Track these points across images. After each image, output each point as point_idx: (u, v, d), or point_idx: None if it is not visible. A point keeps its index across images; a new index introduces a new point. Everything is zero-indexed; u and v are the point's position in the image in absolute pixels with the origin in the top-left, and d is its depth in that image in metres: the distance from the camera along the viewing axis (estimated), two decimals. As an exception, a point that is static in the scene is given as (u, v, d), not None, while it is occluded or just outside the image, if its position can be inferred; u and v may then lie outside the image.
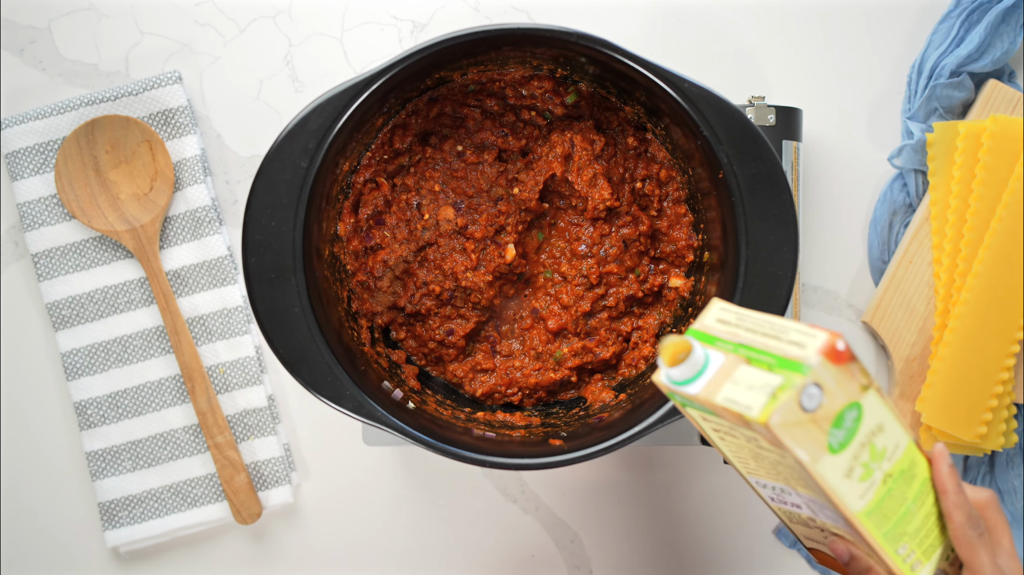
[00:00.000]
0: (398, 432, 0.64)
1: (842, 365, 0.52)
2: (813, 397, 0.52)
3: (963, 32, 0.81)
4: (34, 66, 0.84)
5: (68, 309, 0.82)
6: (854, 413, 0.53)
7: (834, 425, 0.53)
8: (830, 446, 0.53)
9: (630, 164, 0.74)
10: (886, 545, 0.57)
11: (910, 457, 0.56)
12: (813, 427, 0.52)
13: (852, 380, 0.53)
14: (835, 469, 0.53)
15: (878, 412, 0.54)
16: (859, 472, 0.54)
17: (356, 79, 0.65)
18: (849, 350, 0.53)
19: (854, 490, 0.54)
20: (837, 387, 0.52)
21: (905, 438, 0.56)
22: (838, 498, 0.54)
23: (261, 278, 0.64)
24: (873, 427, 0.54)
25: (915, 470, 0.57)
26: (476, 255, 0.74)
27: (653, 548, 0.84)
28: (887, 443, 0.55)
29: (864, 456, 0.54)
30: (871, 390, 0.54)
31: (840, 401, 0.53)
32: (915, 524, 0.57)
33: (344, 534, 0.84)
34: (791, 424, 0.51)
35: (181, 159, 0.82)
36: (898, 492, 0.56)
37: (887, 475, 0.55)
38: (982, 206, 0.79)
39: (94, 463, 0.82)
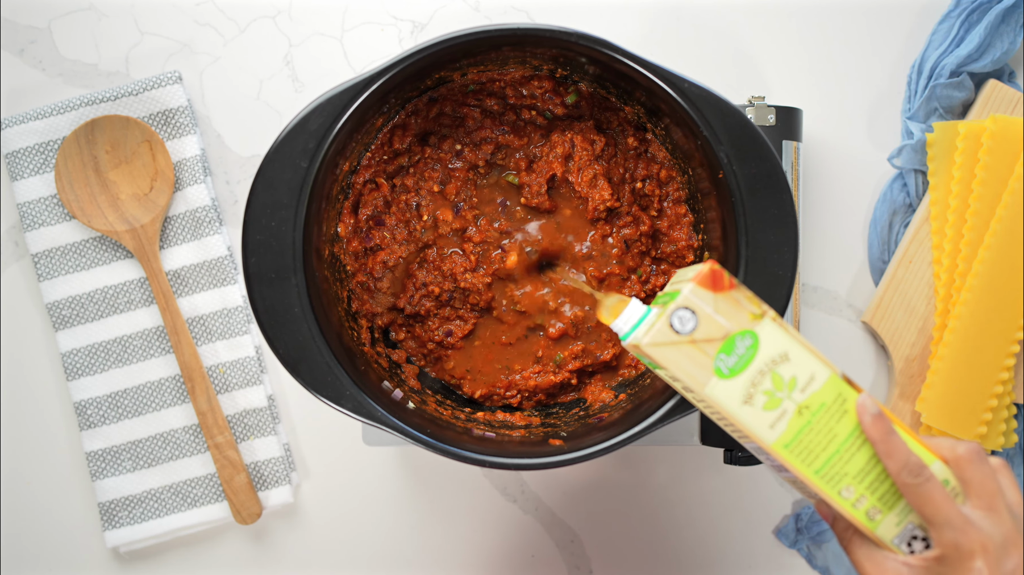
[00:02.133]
0: (398, 432, 0.64)
1: (722, 292, 0.56)
2: (685, 320, 0.56)
3: (963, 32, 0.81)
4: (34, 66, 0.84)
5: (68, 309, 0.82)
6: (748, 340, 0.56)
7: (722, 350, 0.56)
8: (718, 370, 0.56)
9: (630, 164, 0.74)
10: (823, 485, 0.57)
11: (835, 392, 0.57)
12: (695, 351, 0.56)
13: (739, 308, 0.56)
14: (729, 394, 0.56)
15: (779, 341, 0.56)
16: (762, 400, 0.56)
17: (356, 79, 0.64)
18: (727, 277, 0.56)
19: (760, 418, 0.56)
20: (718, 313, 0.56)
21: (824, 371, 0.57)
22: (742, 424, 0.56)
23: (261, 278, 0.64)
24: (774, 356, 0.56)
25: (846, 406, 0.57)
26: (475, 257, 0.74)
27: (653, 548, 0.84)
28: (797, 373, 0.56)
29: (766, 384, 0.56)
30: (766, 319, 0.56)
31: (727, 327, 0.56)
32: (857, 465, 0.57)
33: (344, 534, 0.84)
34: (665, 345, 0.56)
35: (181, 159, 0.82)
36: (822, 427, 0.57)
37: (802, 407, 0.56)
38: (982, 206, 0.79)
39: (94, 463, 0.82)
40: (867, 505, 0.58)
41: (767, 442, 0.57)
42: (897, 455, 0.57)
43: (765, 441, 0.57)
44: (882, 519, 0.58)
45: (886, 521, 0.58)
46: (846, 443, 0.57)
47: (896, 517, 0.58)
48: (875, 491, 0.58)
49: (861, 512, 0.58)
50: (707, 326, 0.56)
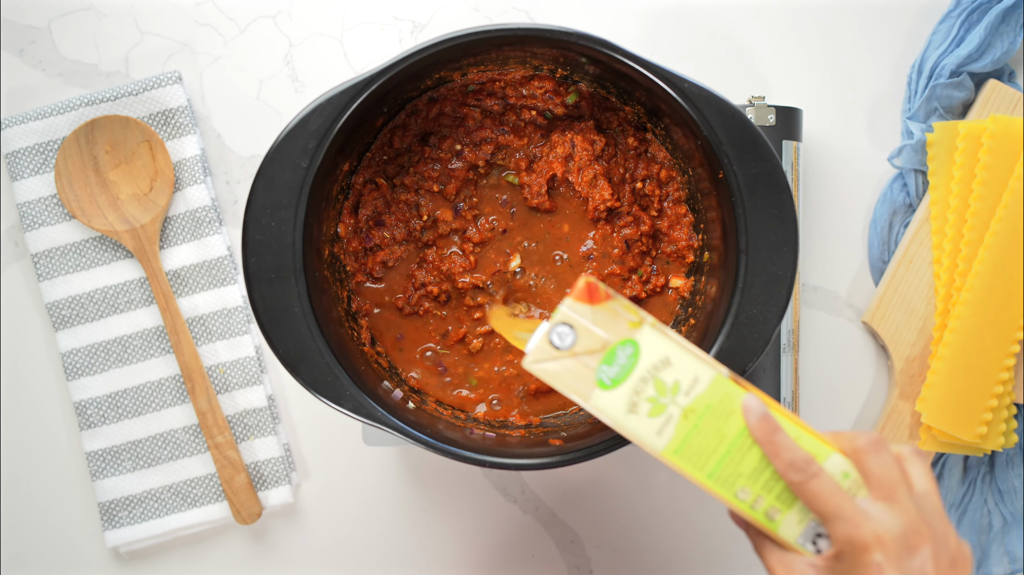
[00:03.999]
0: (398, 432, 0.64)
1: (598, 304, 0.56)
2: (564, 335, 0.56)
3: (963, 32, 0.81)
4: (34, 66, 0.84)
5: (68, 309, 0.82)
6: (628, 349, 0.56)
7: (604, 362, 0.56)
8: (600, 382, 0.56)
9: (630, 164, 0.74)
10: (718, 489, 0.56)
11: (721, 393, 0.56)
12: (578, 366, 0.56)
13: (617, 318, 0.57)
14: (613, 404, 0.56)
15: (660, 347, 0.56)
16: (646, 407, 0.56)
17: (356, 79, 0.64)
18: (602, 289, 0.57)
19: (646, 426, 0.56)
20: (596, 325, 0.56)
21: (708, 372, 0.56)
22: (631, 434, 0.56)
23: (261, 278, 0.64)
24: (655, 362, 0.56)
25: (732, 406, 0.56)
26: (475, 257, 0.74)
27: (653, 548, 0.84)
28: (679, 377, 0.56)
29: (649, 391, 0.56)
30: (644, 326, 0.56)
31: (606, 338, 0.56)
32: (749, 465, 0.56)
33: (344, 534, 0.84)
34: (547, 361, 0.56)
35: (181, 159, 0.82)
36: (710, 429, 0.56)
37: (688, 410, 0.56)
38: (982, 206, 0.79)
39: (94, 463, 0.82)
40: (765, 505, 0.56)
41: (656, 450, 0.56)
42: (783, 453, 0.55)
43: (654, 449, 0.56)
44: (782, 519, 0.56)
45: (787, 520, 0.56)
46: (736, 444, 0.56)
47: (796, 515, 0.56)
48: (771, 490, 0.56)
49: (760, 513, 0.56)
50: (586, 339, 0.57)
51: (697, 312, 0.71)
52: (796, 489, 0.55)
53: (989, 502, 0.82)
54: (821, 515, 0.55)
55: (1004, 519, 0.82)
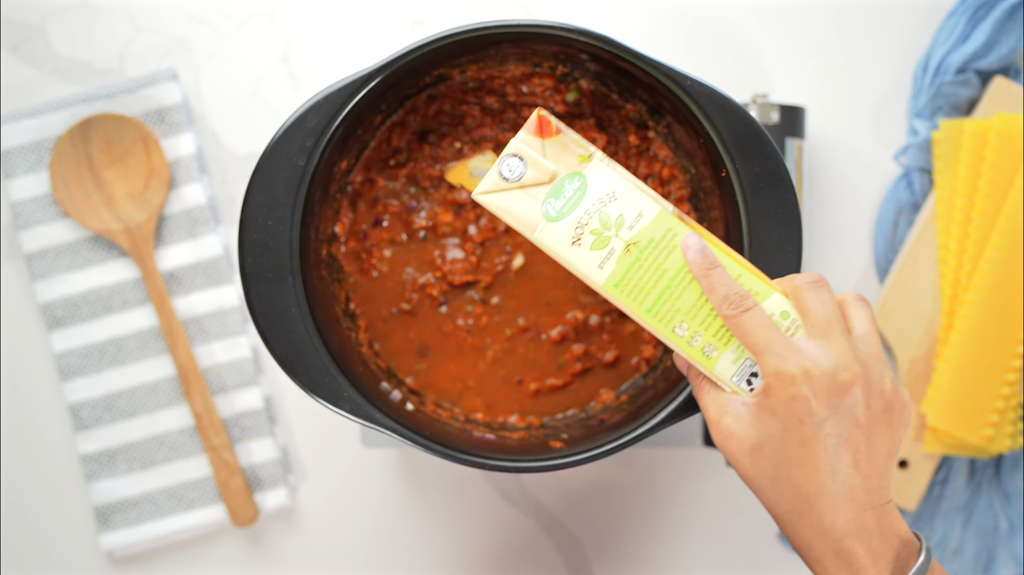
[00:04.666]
0: (396, 434, 0.64)
1: (550, 137, 0.57)
2: (513, 167, 0.58)
3: (969, 29, 0.81)
4: (28, 63, 0.83)
5: (62, 309, 0.82)
6: (576, 183, 0.57)
7: (551, 195, 0.57)
8: (547, 214, 0.57)
9: (632, 162, 0.74)
10: (656, 324, 0.57)
11: (664, 227, 0.57)
12: (526, 198, 0.58)
13: (567, 152, 0.58)
14: (558, 236, 0.57)
15: (607, 181, 0.57)
16: (589, 239, 0.57)
17: (354, 76, 0.64)
18: (554, 123, 0.57)
19: (588, 259, 0.57)
20: (546, 158, 0.57)
21: (653, 207, 0.57)
22: (573, 267, 0.57)
23: (258, 278, 0.64)
24: (603, 195, 0.57)
25: (675, 242, 0.57)
26: (476, 257, 0.73)
27: (655, 551, 0.84)
28: (624, 211, 0.57)
29: (592, 224, 0.57)
30: (594, 159, 0.57)
31: (554, 171, 0.57)
32: (688, 301, 0.57)
33: (341, 537, 0.84)
34: (495, 192, 0.58)
35: (177, 157, 0.82)
36: (651, 263, 0.57)
37: (630, 244, 0.57)
38: (988, 204, 0.79)
39: (88, 465, 0.82)
40: (702, 342, 0.57)
41: (597, 282, 0.57)
42: (718, 288, 0.56)
43: (595, 281, 0.57)
44: (719, 356, 0.57)
45: (723, 358, 0.57)
46: (675, 279, 0.57)
47: (732, 354, 0.57)
48: (708, 327, 0.57)
49: (697, 350, 0.57)
50: (535, 171, 0.58)
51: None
52: (729, 324, 0.56)
53: (995, 505, 0.82)
54: (752, 349, 0.55)
55: (1010, 522, 0.81)
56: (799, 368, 0.54)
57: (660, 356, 0.73)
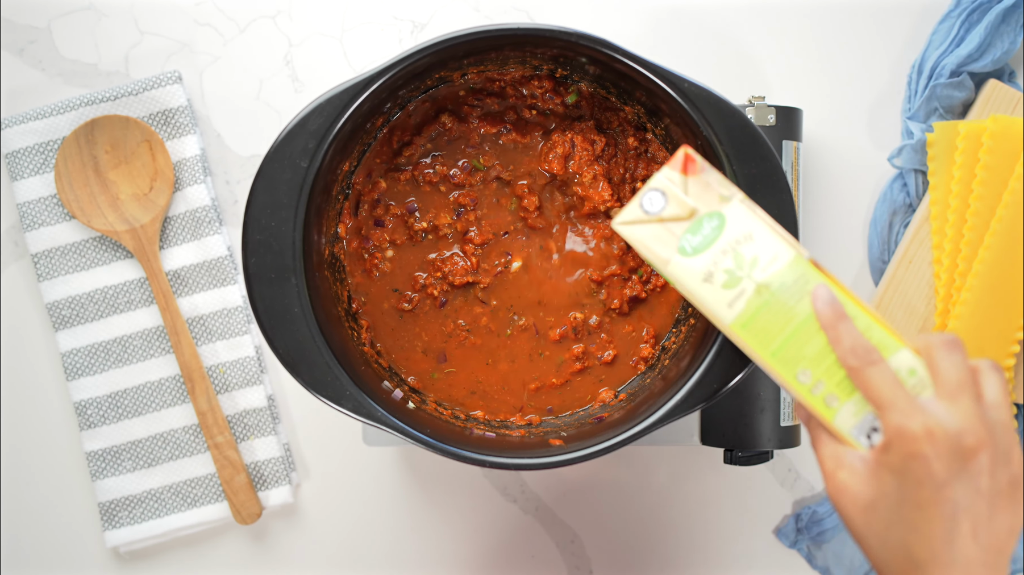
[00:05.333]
0: (398, 432, 0.64)
1: (693, 176, 0.58)
2: (655, 200, 0.58)
3: (963, 32, 0.81)
4: (34, 66, 0.83)
5: (68, 309, 0.82)
6: (715, 222, 0.58)
7: (690, 231, 0.58)
8: (682, 249, 0.58)
9: (631, 164, 0.74)
10: (779, 367, 0.56)
11: (797, 273, 0.56)
12: (663, 231, 0.58)
13: (709, 190, 0.58)
14: (691, 272, 0.58)
15: (745, 222, 0.57)
16: (722, 278, 0.57)
17: (356, 79, 0.64)
18: (699, 161, 0.58)
19: (719, 296, 0.57)
20: (687, 194, 0.58)
21: (788, 252, 0.57)
22: (702, 303, 0.57)
23: (261, 278, 0.64)
24: (739, 236, 0.57)
25: (806, 287, 0.56)
26: (476, 259, 0.74)
27: (653, 548, 0.84)
28: (759, 253, 0.57)
29: (726, 263, 0.57)
30: (734, 200, 0.58)
31: (694, 207, 0.58)
32: (815, 348, 0.56)
33: (344, 534, 0.84)
34: (633, 224, 0.58)
35: (181, 159, 0.82)
36: (780, 307, 0.56)
37: (761, 286, 0.56)
38: (982, 206, 0.79)
39: (94, 463, 0.82)
40: (824, 391, 0.56)
41: (725, 321, 0.57)
42: (845, 339, 0.54)
43: (723, 320, 0.57)
44: (839, 407, 0.56)
45: (843, 410, 0.56)
46: (803, 325, 0.56)
47: (854, 406, 0.56)
48: (832, 377, 0.56)
49: (819, 399, 0.56)
50: (675, 206, 0.58)
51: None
52: (853, 376, 0.54)
53: (989, 502, 0.82)
54: (876, 404, 0.54)
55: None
56: (922, 427, 0.52)
57: (658, 355, 0.74)
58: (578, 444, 0.66)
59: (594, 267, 0.74)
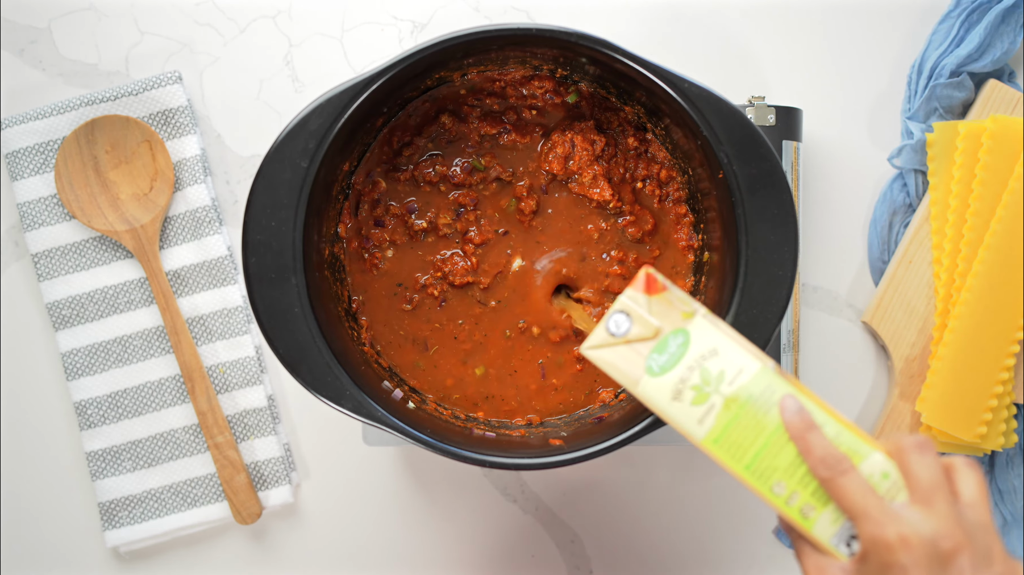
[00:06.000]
0: (398, 432, 0.64)
1: (655, 295, 0.58)
2: (620, 323, 0.58)
3: (963, 32, 0.81)
4: (34, 66, 0.84)
5: (68, 309, 0.82)
6: (680, 339, 0.57)
7: (656, 351, 0.58)
8: (649, 369, 0.58)
9: (630, 164, 0.74)
10: (754, 481, 0.56)
11: (764, 384, 0.56)
12: (631, 353, 0.58)
13: (672, 308, 0.58)
14: (660, 391, 0.57)
15: (709, 337, 0.57)
16: (690, 395, 0.57)
17: (356, 79, 0.64)
18: (659, 280, 0.59)
19: (689, 414, 0.57)
20: (651, 314, 0.58)
21: (753, 364, 0.57)
22: (673, 422, 0.57)
23: (261, 278, 0.64)
24: (704, 351, 0.57)
25: (773, 398, 0.56)
26: (476, 259, 0.74)
27: (653, 548, 0.84)
28: (725, 367, 0.57)
29: (694, 379, 0.57)
30: (697, 316, 0.58)
31: (659, 327, 0.58)
32: (786, 459, 0.56)
33: (344, 534, 0.84)
34: (601, 347, 0.59)
35: (181, 159, 0.82)
36: (750, 420, 0.56)
37: (730, 400, 0.56)
38: (982, 206, 0.79)
39: (94, 463, 0.82)
40: (800, 502, 0.56)
41: (697, 438, 0.57)
42: (815, 449, 0.54)
43: (695, 437, 0.57)
44: (817, 517, 0.56)
45: (821, 519, 0.55)
46: (774, 437, 0.56)
47: (831, 515, 0.55)
48: (806, 487, 0.56)
49: (795, 510, 0.56)
50: (640, 327, 0.58)
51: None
52: (826, 486, 0.54)
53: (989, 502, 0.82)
54: (849, 514, 0.54)
55: (1004, 519, 0.82)
56: (896, 535, 0.51)
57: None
58: (578, 444, 0.66)
59: (593, 267, 0.74)
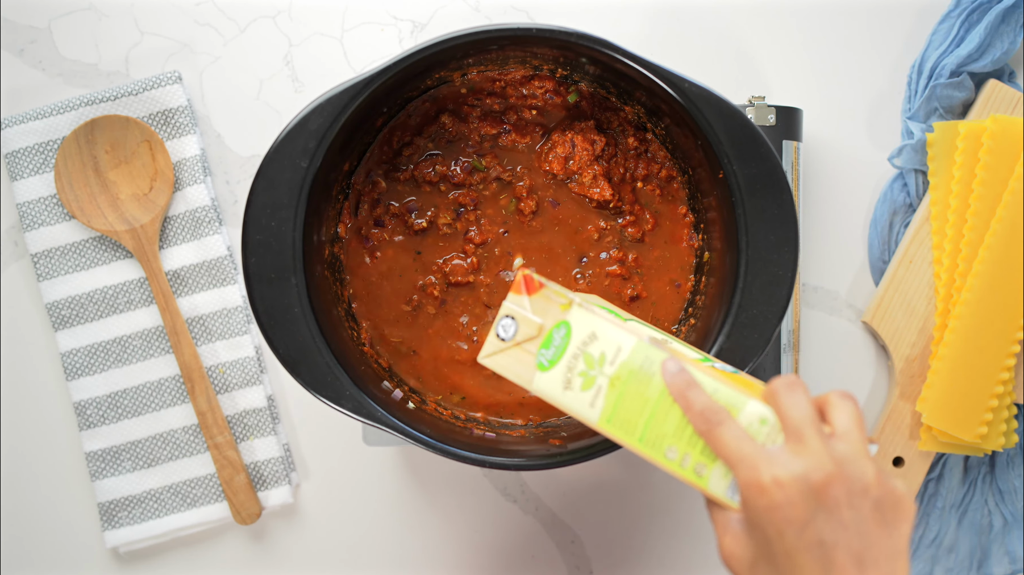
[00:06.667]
0: (398, 432, 0.64)
1: (534, 294, 0.60)
2: (507, 327, 0.60)
3: (963, 32, 0.81)
4: (34, 66, 0.84)
5: (68, 309, 0.82)
6: (562, 331, 0.59)
7: (543, 346, 0.59)
8: (540, 365, 0.60)
9: (631, 164, 0.74)
10: (649, 451, 0.57)
11: (642, 356, 0.57)
12: (522, 353, 0.60)
13: (550, 303, 0.60)
14: (552, 384, 0.59)
15: (587, 323, 0.59)
16: (579, 382, 0.58)
17: (356, 79, 0.64)
18: (536, 279, 0.60)
19: (580, 400, 0.58)
20: (534, 313, 0.60)
21: (629, 339, 0.58)
22: (570, 411, 0.59)
23: (261, 278, 0.64)
24: (584, 337, 0.59)
25: (653, 368, 0.57)
26: (476, 259, 0.74)
27: (654, 548, 0.84)
28: (605, 349, 0.58)
29: (579, 366, 0.58)
30: (573, 306, 0.59)
31: (542, 323, 0.60)
32: (672, 423, 0.56)
33: (343, 534, 0.84)
34: (496, 354, 0.61)
35: (181, 159, 0.82)
36: (634, 394, 0.57)
37: (614, 379, 0.58)
38: (982, 206, 0.79)
39: (93, 463, 0.82)
40: (692, 462, 0.56)
41: (592, 421, 0.58)
42: (694, 404, 0.54)
43: (590, 421, 0.58)
44: (709, 474, 0.56)
45: (713, 475, 0.56)
46: (659, 404, 0.57)
47: (721, 469, 0.56)
48: (695, 446, 0.56)
49: (689, 470, 0.56)
50: (526, 327, 0.60)
51: (697, 312, 0.71)
52: (706, 439, 0.54)
53: (990, 502, 0.82)
54: (727, 463, 0.54)
55: (1005, 519, 0.82)
56: (769, 476, 0.51)
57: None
58: (578, 444, 0.66)
59: (591, 269, 0.74)
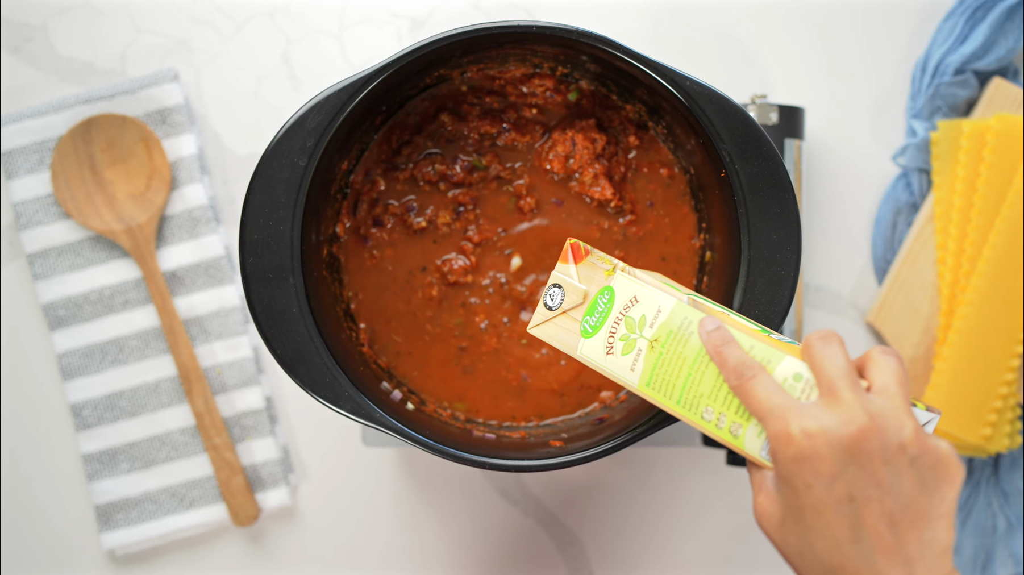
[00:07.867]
0: (397, 434, 0.64)
1: (581, 262, 0.61)
2: (554, 296, 0.62)
3: (967, 30, 0.81)
4: (29, 64, 0.83)
5: (64, 309, 0.82)
6: (606, 297, 0.60)
7: (588, 313, 0.61)
8: (584, 331, 0.61)
9: (632, 163, 0.74)
10: (687, 413, 0.57)
11: (681, 317, 0.58)
12: (568, 321, 0.61)
13: (595, 270, 0.61)
14: (595, 349, 0.60)
15: (629, 287, 0.60)
16: (620, 346, 0.59)
17: (355, 77, 0.64)
18: (583, 247, 0.61)
19: (622, 364, 0.59)
20: (580, 281, 0.61)
21: (669, 301, 0.58)
22: (612, 376, 0.60)
23: (259, 278, 0.64)
24: (626, 302, 0.59)
25: (691, 328, 0.57)
26: (475, 258, 0.73)
27: (654, 550, 0.84)
28: (645, 311, 0.59)
29: (621, 330, 0.59)
30: (616, 271, 0.60)
31: (587, 290, 0.61)
32: (709, 383, 0.56)
33: (342, 536, 0.84)
34: (544, 324, 0.62)
35: (178, 158, 0.82)
36: (673, 355, 0.57)
37: (653, 341, 0.58)
38: (986, 205, 0.79)
39: (90, 465, 0.82)
40: (728, 422, 0.56)
41: (633, 385, 0.59)
42: (729, 361, 0.54)
43: (631, 384, 0.59)
44: (744, 433, 0.55)
45: (748, 434, 0.55)
46: (696, 364, 0.57)
47: (756, 427, 0.55)
48: (730, 406, 0.56)
49: (725, 431, 0.56)
50: (572, 295, 0.61)
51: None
52: (738, 394, 0.53)
53: (994, 504, 0.82)
54: (757, 417, 0.52)
55: (1009, 521, 0.82)
56: (798, 428, 0.50)
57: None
58: (579, 445, 0.66)
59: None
